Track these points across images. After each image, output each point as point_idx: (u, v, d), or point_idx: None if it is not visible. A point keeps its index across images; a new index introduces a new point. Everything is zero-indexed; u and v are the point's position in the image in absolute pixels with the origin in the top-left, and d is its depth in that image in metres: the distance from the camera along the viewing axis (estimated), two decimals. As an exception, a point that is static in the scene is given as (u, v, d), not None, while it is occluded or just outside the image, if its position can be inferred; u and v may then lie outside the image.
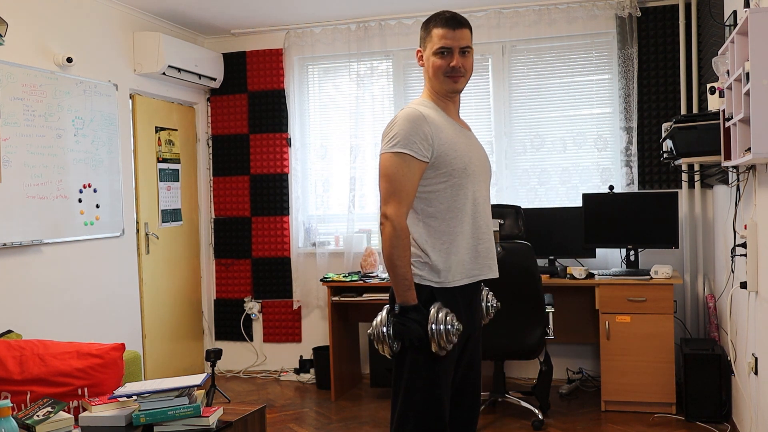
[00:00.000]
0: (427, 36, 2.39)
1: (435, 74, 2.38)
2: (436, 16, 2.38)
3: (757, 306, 3.26)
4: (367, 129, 5.43)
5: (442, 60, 2.35)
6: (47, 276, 4.14)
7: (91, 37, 4.56)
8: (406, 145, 2.25)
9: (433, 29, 2.37)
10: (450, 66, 2.35)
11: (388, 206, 2.24)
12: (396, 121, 2.31)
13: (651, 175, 4.92)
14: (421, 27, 2.42)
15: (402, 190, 2.25)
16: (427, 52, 2.38)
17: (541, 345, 4.17)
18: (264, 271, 5.70)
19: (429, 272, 2.29)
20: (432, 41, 2.36)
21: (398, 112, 2.36)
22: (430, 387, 2.28)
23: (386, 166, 2.28)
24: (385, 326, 2.24)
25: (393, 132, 2.28)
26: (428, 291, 2.28)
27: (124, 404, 2.61)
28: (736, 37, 2.73)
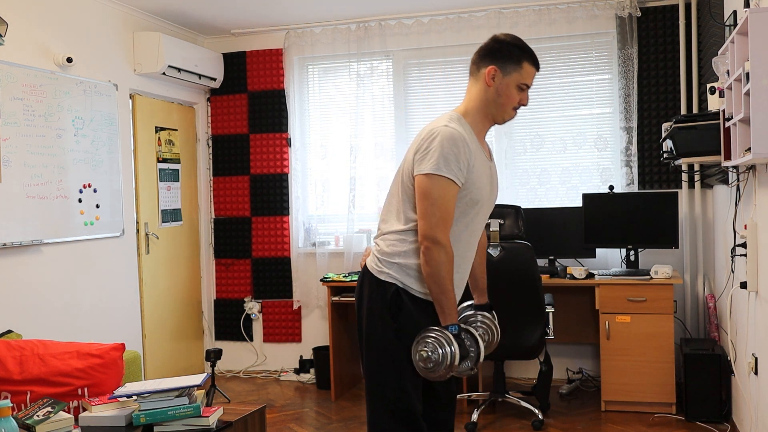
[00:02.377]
0: (515, 66, 2.32)
1: (505, 104, 2.34)
2: (526, 48, 2.34)
3: (757, 306, 3.26)
4: (367, 129, 5.43)
5: (519, 94, 2.35)
6: (47, 276, 4.14)
7: (91, 37, 4.56)
8: (450, 171, 2.24)
9: (524, 63, 2.32)
10: (521, 102, 2.36)
11: (437, 231, 2.24)
12: (438, 139, 2.25)
13: (651, 175, 4.92)
14: (505, 50, 2.33)
15: (449, 216, 2.27)
16: (509, 80, 2.32)
17: (541, 345, 4.17)
18: (264, 271, 5.70)
19: (411, 282, 2.33)
20: (520, 74, 2.33)
21: (437, 126, 2.29)
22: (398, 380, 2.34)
23: (431, 188, 2.24)
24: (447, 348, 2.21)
25: (438, 153, 2.24)
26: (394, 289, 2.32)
27: (124, 404, 2.60)
28: (736, 37, 2.73)
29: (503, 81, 2.32)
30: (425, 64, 5.36)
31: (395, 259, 2.35)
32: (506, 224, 4.25)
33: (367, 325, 2.40)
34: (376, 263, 2.40)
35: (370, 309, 2.39)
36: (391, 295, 2.33)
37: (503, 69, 2.32)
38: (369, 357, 2.41)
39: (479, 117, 2.38)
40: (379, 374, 2.38)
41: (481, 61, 2.36)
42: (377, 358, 2.38)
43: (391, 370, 2.35)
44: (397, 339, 2.33)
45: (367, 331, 2.40)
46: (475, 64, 2.38)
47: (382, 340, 2.36)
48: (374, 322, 2.38)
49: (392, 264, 2.35)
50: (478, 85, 2.36)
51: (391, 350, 2.34)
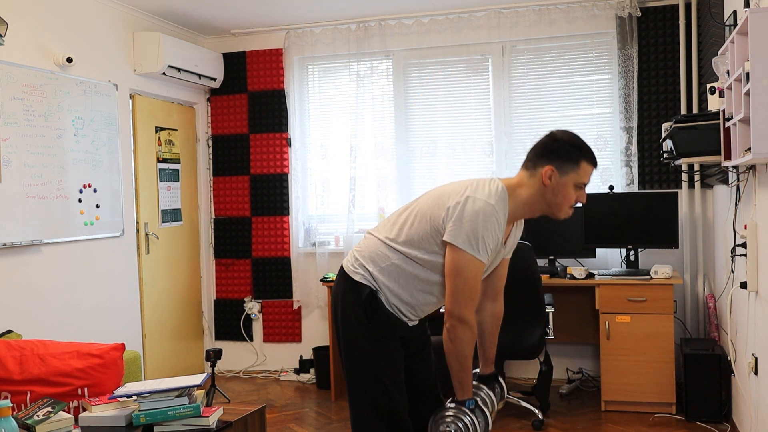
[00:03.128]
0: (573, 166, 2.28)
1: (562, 203, 2.32)
2: (584, 147, 2.31)
3: (757, 306, 3.26)
4: (367, 129, 5.43)
5: (577, 193, 2.32)
6: (47, 276, 4.14)
7: (91, 37, 4.56)
8: (483, 252, 2.24)
9: (582, 161, 2.29)
10: (578, 200, 2.34)
11: (466, 311, 2.25)
12: (476, 217, 2.22)
13: (651, 175, 4.92)
14: (564, 149, 2.30)
15: (476, 294, 2.29)
16: (566, 180, 2.29)
17: (541, 345, 4.17)
18: (264, 271, 5.70)
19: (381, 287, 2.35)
20: (578, 174, 2.29)
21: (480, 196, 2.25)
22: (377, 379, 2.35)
23: (464, 267, 2.23)
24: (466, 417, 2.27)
25: (475, 231, 2.21)
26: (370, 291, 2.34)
27: (124, 404, 2.60)
28: (736, 37, 2.73)
29: (560, 181, 2.29)
30: (425, 64, 5.36)
31: (368, 265, 2.36)
32: (506, 224, 4.24)
33: (343, 326, 2.41)
34: (352, 263, 2.41)
35: (344, 309, 2.39)
36: (366, 295, 2.33)
37: (560, 169, 2.28)
38: (347, 357, 2.41)
39: (522, 207, 2.34)
40: (359, 374, 2.39)
41: (538, 160, 2.32)
42: (355, 359, 2.39)
43: (370, 370, 2.35)
44: (373, 340, 2.34)
45: (344, 331, 2.41)
46: (531, 161, 2.34)
47: (358, 340, 2.37)
48: (349, 322, 2.38)
49: (366, 269, 2.36)
50: (533, 180, 2.32)
51: (368, 350, 2.35)
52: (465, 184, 2.32)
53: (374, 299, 2.33)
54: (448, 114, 5.30)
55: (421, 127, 5.35)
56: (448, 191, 2.32)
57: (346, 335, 2.41)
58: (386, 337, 2.34)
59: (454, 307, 2.24)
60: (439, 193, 2.36)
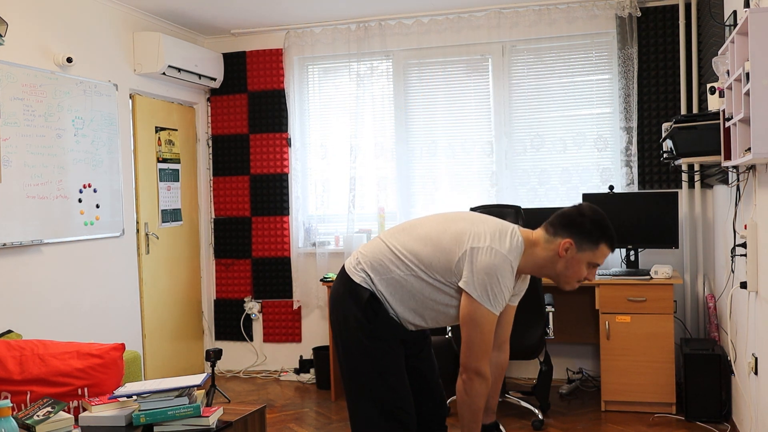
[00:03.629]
0: (592, 244, 2.29)
1: (571, 277, 2.33)
2: (607, 230, 2.31)
3: (757, 306, 3.26)
4: (367, 129, 5.43)
5: (588, 270, 2.34)
6: (47, 276, 4.14)
7: (91, 37, 4.56)
8: (499, 306, 2.26)
9: (602, 244, 2.30)
10: (587, 278, 2.35)
11: (482, 363, 2.27)
12: (499, 271, 2.23)
13: (651, 175, 4.92)
14: (587, 227, 2.30)
15: (490, 347, 2.30)
16: (581, 256, 2.30)
17: (541, 345, 4.17)
18: (264, 271, 5.70)
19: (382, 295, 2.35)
20: (594, 253, 2.30)
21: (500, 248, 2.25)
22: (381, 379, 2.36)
23: (480, 319, 2.25)
24: None
25: (494, 288, 2.23)
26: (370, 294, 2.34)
27: (124, 404, 2.60)
28: (736, 37, 2.73)
29: (575, 256, 2.30)
30: (425, 64, 5.36)
31: (372, 273, 2.35)
32: (506, 224, 4.24)
33: (342, 326, 2.40)
34: (355, 265, 2.40)
35: (344, 312, 2.39)
36: (367, 298, 2.33)
37: (579, 245, 2.29)
38: (348, 357, 2.41)
39: (531, 266, 2.35)
40: (361, 373, 2.38)
41: (560, 229, 2.32)
42: (357, 358, 2.38)
43: (373, 368, 2.35)
44: (374, 339, 2.34)
45: (343, 331, 2.40)
46: (553, 227, 2.33)
47: (359, 340, 2.36)
48: (349, 323, 2.37)
49: (367, 274, 2.35)
50: (550, 246, 2.32)
51: (370, 348, 2.35)
52: (486, 226, 2.31)
53: (375, 302, 2.33)
54: (448, 114, 5.30)
55: (421, 127, 5.35)
56: (469, 230, 2.30)
57: (345, 335, 2.40)
58: (385, 338, 2.34)
59: (471, 360, 2.25)
60: (457, 229, 2.32)
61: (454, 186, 5.29)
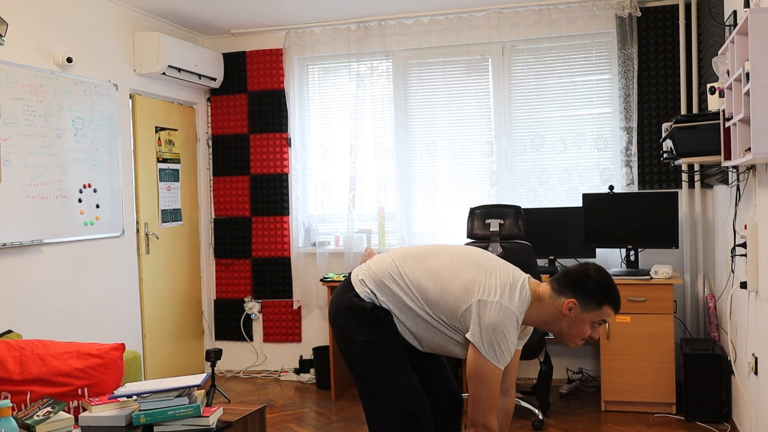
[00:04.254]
0: (596, 305, 2.29)
1: (575, 335, 2.33)
2: (612, 292, 2.31)
3: (757, 306, 3.25)
4: (367, 129, 5.43)
5: (592, 329, 2.33)
6: (47, 276, 4.14)
7: (91, 37, 4.56)
8: (504, 361, 2.26)
9: (606, 306, 2.30)
10: (591, 336, 2.35)
11: (489, 418, 2.27)
12: (506, 327, 2.23)
13: (651, 175, 4.92)
14: (591, 288, 2.29)
15: (497, 399, 2.30)
16: (585, 316, 2.30)
17: (541, 345, 4.17)
18: (264, 271, 5.70)
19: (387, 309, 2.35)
20: (598, 313, 2.30)
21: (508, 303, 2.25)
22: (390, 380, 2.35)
23: (488, 374, 2.25)
24: None
25: (501, 343, 2.23)
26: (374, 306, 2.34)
27: (124, 404, 2.60)
28: (736, 37, 2.73)
29: (579, 316, 2.30)
30: (425, 64, 5.36)
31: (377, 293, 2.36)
32: (506, 224, 4.25)
33: (346, 336, 2.41)
34: (361, 279, 2.41)
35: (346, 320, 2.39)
36: (370, 309, 2.34)
37: (583, 305, 2.29)
38: (357, 366, 2.40)
39: (536, 320, 2.36)
40: (371, 379, 2.38)
41: (565, 288, 2.31)
42: (365, 367, 2.38)
43: (381, 375, 2.35)
44: (379, 343, 2.35)
45: (346, 342, 2.41)
46: (558, 284, 2.33)
47: (363, 348, 2.37)
48: (352, 332, 2.38)
49: (372, 293, 2.36)
50: (554, 304, 2.32)
51: (376, 354, 2.35)
52: (497, 279, 2.30)
53: (380, 311, 2.33)
54: (448, 114, 5.30)
55: (421, 127, 5.35)
56: (479, 280, 2.29)
57: (348, 344, 2.40)
58: (391, 342, 2.34)
59: (479, 416, 2.26)
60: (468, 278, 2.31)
61: (454, 186, 5.29)
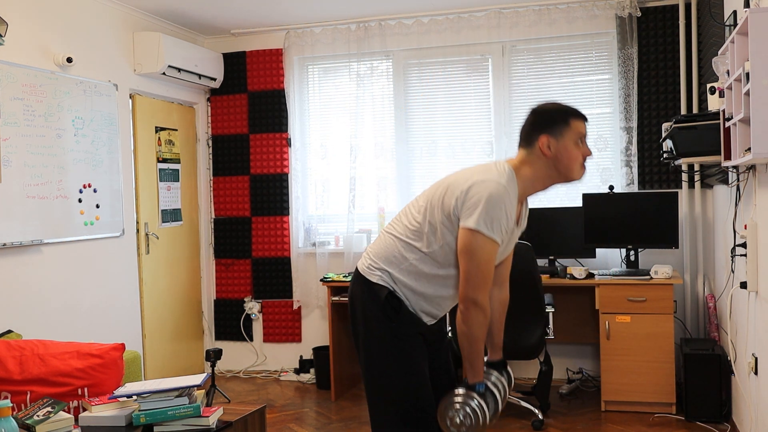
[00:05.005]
0: (564, 125, 2.29)
1: (570, 164, 2.31)
2: (568, 106, 2.33)
3: (757, 306, 3.26)
4: (367, 129, 5.43)
5: (581, 148, 2.32)
6: (47, 276, 4.14)
7: (91, 37, 4.56)
8: (498, 232, 2.22)
9: (571, 119, 2.30)
10: (584, 155, 2.34)
11: (479, 292, 2.24)
12: (489, 198, 2.21)
13: (651, 175, 4.92)
14: (549, 115, 2.32)
15: (490, 275, 2.27)
16: (564, 141, 2.29)
17: (541, 345, 4.17)
18: (264, 271, 5.70)
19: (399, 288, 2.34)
20: (571, 131, 2.30)
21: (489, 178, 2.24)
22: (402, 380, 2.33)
23: (477, 249, 2.22)
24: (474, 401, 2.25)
25: (488, 214, 2.20)
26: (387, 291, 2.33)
27: (124, 404, 2.60)
28: (736, 37, 2.73)
29: (559, 145, 2.30)
30: (425, 64, 5.36)
31: (388, 267, 2.34)
32: (506, 224, 4.24)
33: (364, 329, 2.39)
34: (368, 265, 2.39)
35: (364, 312, 2.37)
36: (386, 296, 2.32)
37: (555, 135, 2.29)
38: (369, 360, 2.39)
39: (532, 183, 2.35)
40: (382, 376, 2.36)
41: (531, 136, 2.33)
42: (379, 361, 2.36)
43: (395, 371, 2.33)
44: (396, 338, 2.32)
45: (365, 335, 2.39)
46: (525, 140, 2.35)
47: (381, 342, 2.35)
48: (370, 324, 2.36)
49: (384, 270, 2.35)
50: (534, 156, 2.32)
51: (393, 351, 2.33)
52: (472, 170, 2.33)
53: (394, 299, 2.32)
54: (448, 114, 5.30)
55: (421, 127, 5.36)
56: (457, 179, 2.32)
57: (367, 337, 2.39)
58: (408, 334, 2.32)
59: (468, 291, 2.23)
60: (448, 183, 2.34)
61: (454, 186, 5.28)
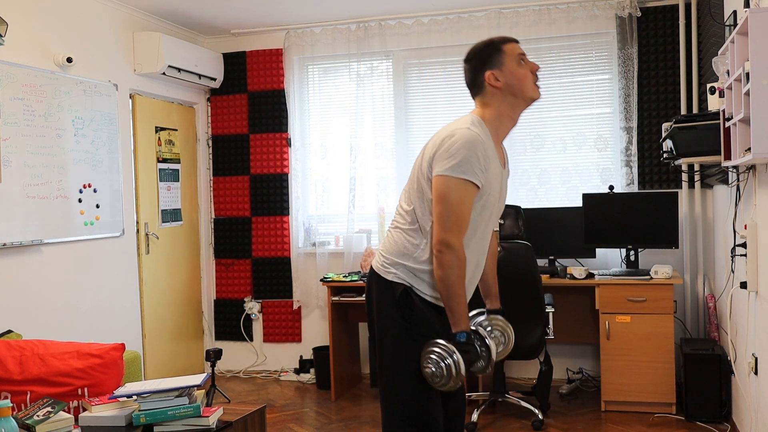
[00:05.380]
0: (499, 54, 2.32)
1: (522, 86, 2.33)
2: (494, 38, 2.36)
3: (757, 306, 3.26)
4: (367, 129, 5.43)
5: (526, 67, 2.33)
6: (47, 276, 4.14)
7: (91, 37, 4.56)
8: (470, 173, 2.22)
9: (503, 46, 2.33)
10: (532, 71, 2.35)
11: (451, 234, 2.22)
12: (458, 142, 2.24)
13: (651, 175, 4.92)
14: (482, 53, 2.35)
15: (463, 219, 2.25)
16: (506, 67, 2.31)
17: (541, 345, 4.17)
18: (264, 271, 5.70)
19: (421, 285, 2.32)
20: (508, 55, 2.32)
21: (458, 127, 2.28)
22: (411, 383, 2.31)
23: (448, 192, 2.23)
24: (449, 359, 2.20)
25: (458, 156, 2.22)
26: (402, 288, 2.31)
27: (124, 404, 2.60)
28: (736, 37, 2.73)
29: (504, 72, 2.32)
30: (425, 64, 5.36)
31: (403, 260, 2.33)
32: (506, 224, 4.25)
33: (378, 328, 2.39)
34: (382, 263, 2.39)
35: (380, 311, 2.37)
36: (400, 294, 2.31)
37: (495, 66, 2.33)
38: (383, 360, 2.38)
39: (499, 121, 2.38)
40: (394, 376, 2.35)
41: (474, 81, 2.37)
42: (391, 361, 2.35)
43: (405, 373, 2.32)
44: (410, 339, 2.31)
45: (379, 333, 2.39)
46: (473, 88, 2.40)
47: (394, 342, 2.34)
48: (385, 323, 2.36)
49: (399, 264, 2.33)
50: (489, 96, 2.35)
51: (405, 352, 2.31)
52: (440, 132, 2.36)
53: (407, 297, 2.31)
54: (448, 114, 5.29)
55: (421, 127, 5.35)
56: (428, 145, 2.36)
57: (382, 335, 2.39)
58: (422, 335, 2.31)
59: (440, 233, 2.22)
60: (421, 154, 2.39)
61: (454, 186, 5.28)
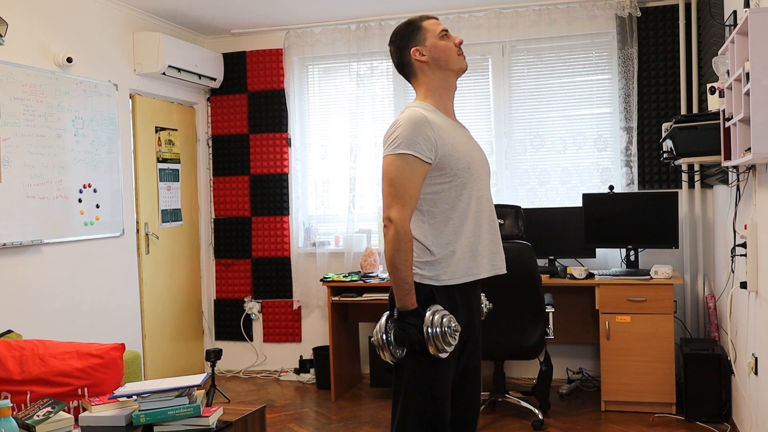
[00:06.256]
0: (418, 31, 2.40)
1: (446, 57, 2.39)
2: (412, 18, 2.44)
3: (757, 306, 3.26)
4: (367, 129, 5.43)
5: (450, 39, 2.40)
6: (47, 276, 4.14)
7: (91, 37, 4.56)
8: (409, 146, 2.23)
9: (422, 23, 2.41)
10: (457, 44, 2.40)
11: (392, 209, 2.22)
12: (398, 123, 2.28)
13: (651, 175, 4.92)
14: (404, 32, 2.42)
15: (405, 193, 2.24)
16: (428, 43, 2.38)
17: (541, 345, 4.17)
18: (264, 271, 5.70)
19: (430, 270, 2.28)
20: (428, 31, 2.40)
21: (399, 115, 2.33)
22: (430, 388, 2.28)
23: (389, 169, 2.25)
24: (384, 333, 2.23)
25: (395, 134, 2.26)
26: (428, 290, 2.28)
27: (124, 404, 2.60)
28: (736, 37, 2.73)
29: (428, 47, 2.39)
30: (425, 64, 5.35)
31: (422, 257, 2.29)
32: (506, 224, 4.25)
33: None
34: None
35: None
36: (425, 297, 2.26)
37: (418, 43, 2.39)
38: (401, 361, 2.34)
39: (436, 96, 2.43)
40: (413, 378, 2.30)
41: (403, 61, 2.43)
42: (408, 362, 2.31)
43: (424, 376, 2.29)
44: None
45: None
46: (405, 71, 2.45)
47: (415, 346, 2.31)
48: None
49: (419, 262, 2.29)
50: (419, 73, 2.42)
51: (425, 354, 2.26)
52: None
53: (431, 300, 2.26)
54: (448, 114, 5.29)
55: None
56: None
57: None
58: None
59: (384, 209, 2.26)
60: None
61: (454, 186, 5.28)
